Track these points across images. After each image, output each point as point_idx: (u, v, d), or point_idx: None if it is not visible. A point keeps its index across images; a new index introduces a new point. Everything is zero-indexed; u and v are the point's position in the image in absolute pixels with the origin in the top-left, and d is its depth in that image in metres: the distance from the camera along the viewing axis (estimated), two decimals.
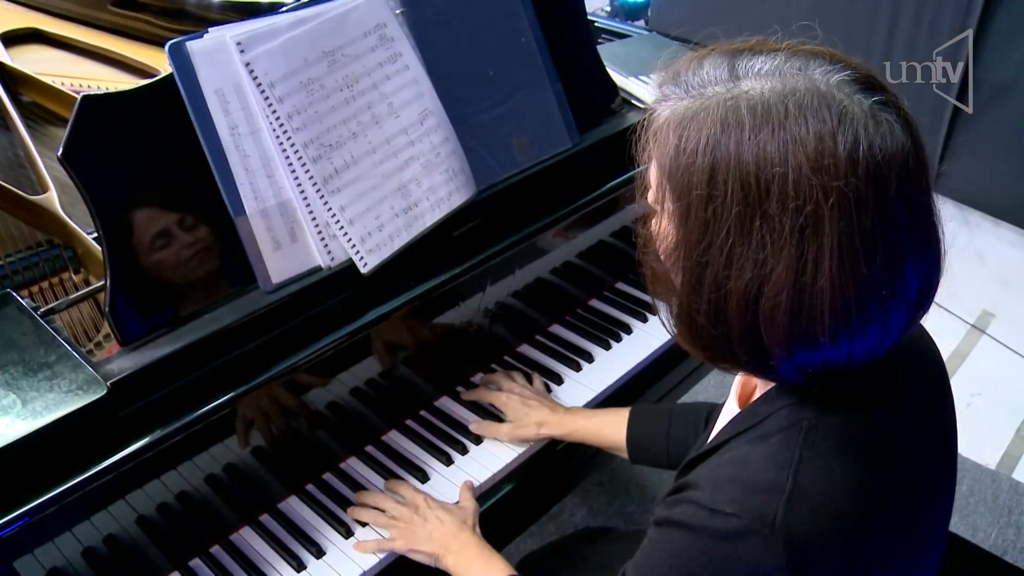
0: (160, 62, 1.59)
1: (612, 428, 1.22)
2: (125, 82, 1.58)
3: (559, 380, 1.37)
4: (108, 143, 0.97)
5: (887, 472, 0.74)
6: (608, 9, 3.45)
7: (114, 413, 0.92)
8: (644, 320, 1.47)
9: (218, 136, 1.02)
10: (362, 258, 1.08)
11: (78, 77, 1.57)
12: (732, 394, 0.91)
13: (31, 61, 1.59)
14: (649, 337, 1.44)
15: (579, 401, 1.33)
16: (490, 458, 1.23)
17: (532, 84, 1.28)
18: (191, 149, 1.01)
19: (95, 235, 1.13)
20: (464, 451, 1.24)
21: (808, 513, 0.69)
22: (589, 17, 1.48)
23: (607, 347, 1.42)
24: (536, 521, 1.46)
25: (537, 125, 1.29)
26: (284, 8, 1.10)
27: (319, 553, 1.11)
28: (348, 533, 1.13)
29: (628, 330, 1.45)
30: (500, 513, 1.22)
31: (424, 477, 1.21)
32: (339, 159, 1.08)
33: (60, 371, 0.92)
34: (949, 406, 0.84)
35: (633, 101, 1.45)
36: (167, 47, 1.00)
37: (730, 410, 0.89)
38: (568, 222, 1.33)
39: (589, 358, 1.40)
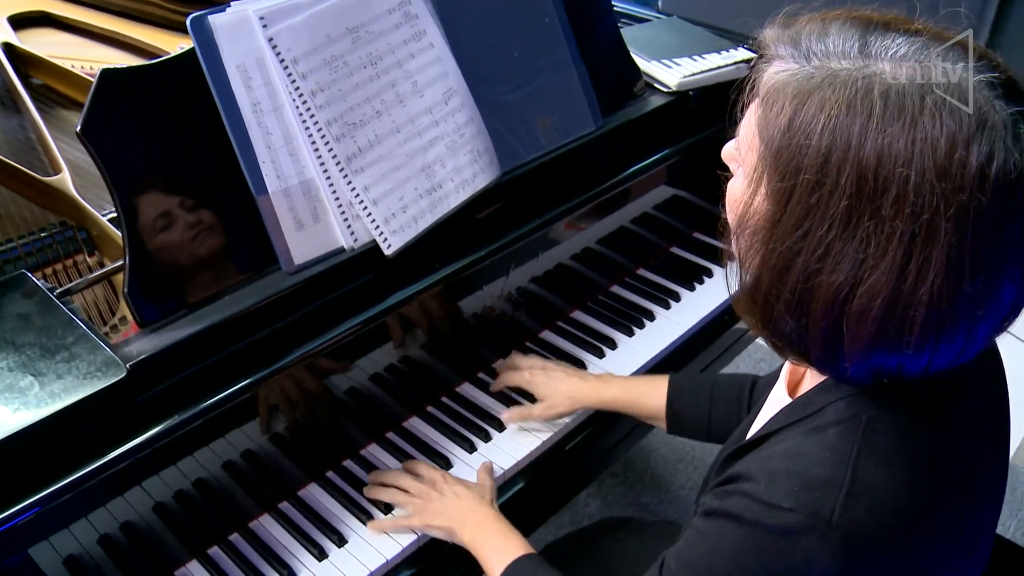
0: (170, 45, 1.57)
1: (650, 397, 1.18)
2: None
3: (582, 367, 1.34)
4: (128, 118, 0.95)
5: (944, 472, 0.71)
6: None
7: (133, 396, 0.90)
8: (667, 307, 1.45)
9: (240, 113, 0.99)
10: (386, 239, 1.06)
11: (88, 60, 1.54)
12: (781, 380, 0.88)
13: (41, 44, 1.56)
14: (672, 324, 1.42)
15: None
16: (513, 445, 1.21)
17: (556, 66, 1.26)
18: (212, 126, 0.98)
19: (110, 216, 1.10)
20: (487, 438, 1.22)
21: (865, 511, 0.66)
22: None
23: (630, 334, 1.40)
24: (554, 513, 1.44)
25: (561, 107, 1.26)
26: None
27: (341, 541, 1.08)
28: (370, 520, 1.10)
29: (651, 317, 1.43)
30: (519, 505, 1.19)
31: (447, 464, 1.18)
32: (363, 138, 1.05)
33: (78, 353, 0.90)
34: (1006, 406, 0.81)
35: (656, 85, 1.43)
36: (188, 20, 0.97)
37: (779, 397, 0.86)
38: (592, 206, 1.31)
39: (612, 345, 1.38)
